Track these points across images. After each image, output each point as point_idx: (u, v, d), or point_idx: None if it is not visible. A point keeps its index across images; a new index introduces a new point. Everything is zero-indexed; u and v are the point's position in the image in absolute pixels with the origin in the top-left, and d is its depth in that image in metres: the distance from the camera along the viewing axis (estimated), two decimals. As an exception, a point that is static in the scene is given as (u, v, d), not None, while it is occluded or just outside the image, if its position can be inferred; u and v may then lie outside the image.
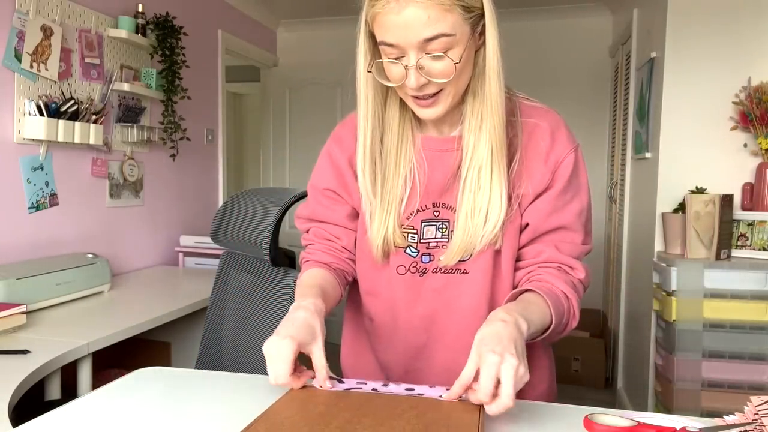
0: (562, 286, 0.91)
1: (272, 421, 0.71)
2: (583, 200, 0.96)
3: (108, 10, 2.56)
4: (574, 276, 0.94)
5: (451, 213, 0.95)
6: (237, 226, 1.59)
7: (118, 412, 0.82)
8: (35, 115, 2.12)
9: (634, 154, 2.99)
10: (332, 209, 1.03)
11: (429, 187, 0.95)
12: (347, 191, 1.02)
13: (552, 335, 0.90)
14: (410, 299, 0.98)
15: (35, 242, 2.22)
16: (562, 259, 0.94)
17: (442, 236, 0.96)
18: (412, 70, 0.81)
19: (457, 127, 0.94)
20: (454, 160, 0.93)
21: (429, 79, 0.82)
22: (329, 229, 1.04)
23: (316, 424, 0.70)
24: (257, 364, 1.47)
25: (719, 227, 2.15)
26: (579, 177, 0.96)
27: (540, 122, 0.94)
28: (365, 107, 0.92)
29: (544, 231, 0.94)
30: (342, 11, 4.08)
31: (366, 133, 0.93)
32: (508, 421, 0.80)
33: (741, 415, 0.73)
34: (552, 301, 0.88)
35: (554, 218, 0.94)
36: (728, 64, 2.37)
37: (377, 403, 0.77)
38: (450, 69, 0.82)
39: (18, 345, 1.49)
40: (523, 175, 0.93)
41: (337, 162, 1.02)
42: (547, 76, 3.91)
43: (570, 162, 0.93)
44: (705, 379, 2.10)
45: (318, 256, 1.04)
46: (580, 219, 0.95)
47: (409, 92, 0.86)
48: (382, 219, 0.94)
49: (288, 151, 4.30)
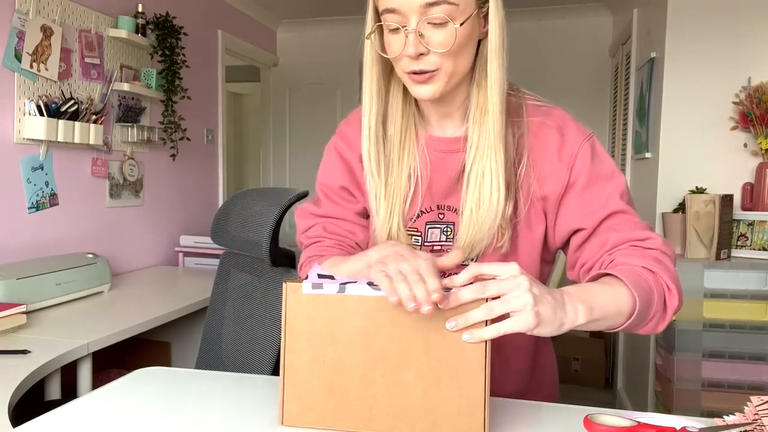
0: (640, 262, 0.81)
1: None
2: (619, 182, 0.89)
3: (108, 10, 2.56)
4: (650, 247, 0.84)
5: (456, 216, 0.92)
6: (237, 226, 1.59)
7: (118, 412, 0.82)
8: (35, 115, 2.12)
9: (634, 154, 2.99)
10: (345, 207, 1.00)
11: (433, 188, 0.93)
12: (360, 189, 0.98)
13: (641, 318, 0.79)
14: None
15: (35, 242, 2.22)
16: (628, 237, 0.85)
17: (447, 240, 0.93)
18: (411, 35, 0.79)
19: (462, 126, 0.92)
20: (458, 161, 0.91)
21: (428, 48, 0.80)
22: (342, 225, 1.00)
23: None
24: (257, 364, 1.47)
25: (719, 227, 2.15)
26: (603, 163, 0.90)
27: (545, 120, 0.91)
28: (370, 85, 0.89)
29: (594, 226, 0.88)
30: (342, 11, 4.08)
31: (371, 111, 0.90)
32: (507, 420, 0.80)
33: (741, 415, 0.73)
34: (629, 277, 0.78)
35: (598, 211, 0.87)
36: (728, 64, 2.37)
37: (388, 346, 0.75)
38: (450, 39, 0.79)
39: (18, 345, 1.49)
40: (533, 177, 0.89)
41: (347, 158, 0.99)
42: (547, 76, 3.91)
43: (586, 152, 0.89)
44: (705, 379, 2.10)
45: (331, 253, 0.97)
46: (624, 199, 0.88)
47: (406, 66, 0.83)
48: (387, 213, 0.91)
49: (288, 151, 4.30)
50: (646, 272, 0.81)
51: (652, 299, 0.80)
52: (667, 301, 0.82)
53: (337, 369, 0.74)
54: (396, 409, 0.71)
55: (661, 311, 0.82)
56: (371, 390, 0.73)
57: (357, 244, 1.00)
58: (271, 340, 1.47)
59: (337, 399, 0.73)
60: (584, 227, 0.88)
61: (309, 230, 1.02)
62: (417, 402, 0.71)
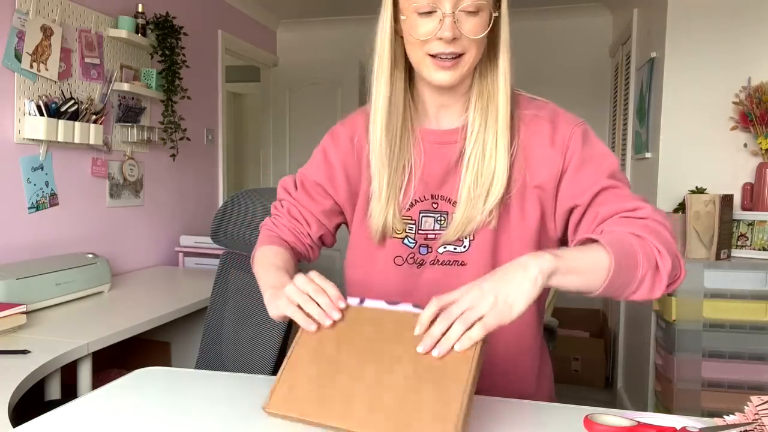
0: (626, 228, 0.83)
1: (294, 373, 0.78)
2: (609, 161, 0.91)
3: (108, 10, 2.56)
4: (640, 217, 0.85)
5: (449, 205, 0.95)
6: (237, 226, 1.59)
7: (118, 412, 0.82)
8: (35, 115, 2.12)
9: (634, 153, 2.99)
10: (313, 200, 1.06)
11: (426, 178, 0.96)
12: (334, 188, 1.04)
13: (626, 279, 0.79)
14: (406, 292, 0.98)
15: (35, 242, 2.22)
16: (617, 208, 0.87)
17: (440, 228, 0.96)
18: (448, 19, 0.83)
19: (459, 118, 0.95)
20: (454, 151, 0.94)
21: (462, 32, 0.84)
22: (303, 212, 1.07)
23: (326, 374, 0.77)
24: (257, 364, 1.47)
25: (719, 227, 2.15)
26: (594, 146, 0.93)
27: (537, 113, 0.94)
28: (385, 72, 0.91)
29: (587, 202, 0.90)
30: (342, 11, 4.08)
31: (384, 97, 0.92)
32: (507, 420, 0.80)
33: (741, 415, 0.73)
34: (606, 238, 0.80)
35: (590, 188, 0.89)
36: (728, 64, 2.37)
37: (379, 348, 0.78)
38: (481, 27, 0.85)
39: (18, 345, 1.48)
40: (523, 162, 0.92)
41: (331, 160, 1.04)
42: (547, 76, 3.91)
43: (578, 136, 0.92)
44: (705, 379, 2.10)
45: (282, 232, 1.06)
46: (614, 177, 0.90)
47: (435, 48, 0.86)
48: (388, 198, 0.95)
49: (288, 151, 4.30)
50: (632, 237, 0.82)
51: (637, 261, 0.80)
52: (659, 263, 0.81)
53: (331, 364, 0.77)
54: (373, 406, 0.72)
55: (652, 274, 0.81)
56: (355, 386, 0.74)
57: (308, 234, 1.07)
58: (271, 340, 1.47)
59: (321, 391, 0.75)
60: (578, 204, 0.91)
61: (279, 202, 1.10)
62: (394, 402, 0.71)
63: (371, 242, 0.99)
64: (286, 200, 1.09)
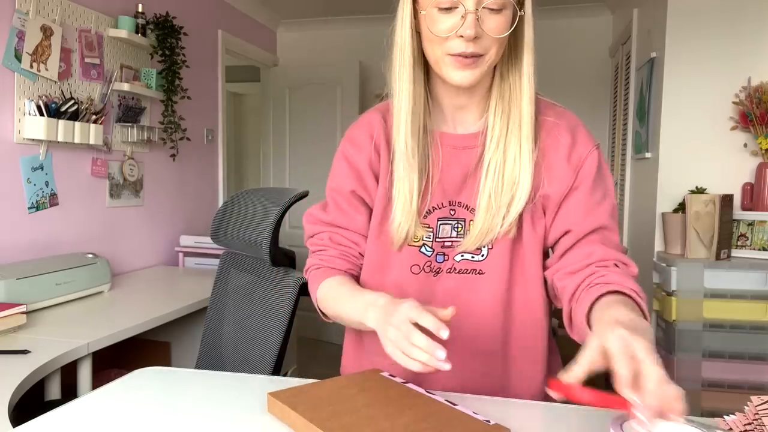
0: (632, 285, 0.84)
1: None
2: (612, 201, 0.93)
3: (108, 10, 2.56)
4: (630, 272, 0.88)
5: (467, 212, 0.93)
6: (237, 226, 1.59)
7: (118, 412, 0.82)
8: (35, 115, 2.12)
9: (634, 154, 2.99)
10: (352, 216, 1.00)
11: (444, 184, 0.93)
12: (367, 192, 0.98)
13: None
14: (422, 301, 0.95)
15: (35, 242, 2.22)
16: (614, 256, 0.88)
17: (458, 236, 0.93)
18: (470, 15, 0.80)
19: (477, 122, 0.93)
20: (473, 156, 0.92)
21: (484, 31, 0.81)
22: (348, 235, 1.00)
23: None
24: (257, 364, 1.47)
25: (719, 227, 2.15)
26: (605, 177, 0.93)
27: (558, 120, 0.92)
28: (409, 57, 0.88)
29: (585, 233, 0.90)
30: (342, 11, 4.08)
31: (408, 97, 0.89)
32: (514, 420, 0.80)
33: (741, 415, 0.73)
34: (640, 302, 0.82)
35: (592, 219, 0.90)
36: (728, 64, 2.37)
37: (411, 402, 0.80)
38: (504, 25, 0.82)
39: (18, 345, 1.49)
40: (543, 169, 0.91)
41: (355, 164, 0.98)
42: (547, 76, 3.87)
43: (594, 160, 0.91)
44: (705, 380, 2.10)
45: (334, 263, 1.00)
46: (613, 219, 0.92)
47: (455, 47, 0.83)
48: (410, 202, 0.91)
49: (288, 151, 4.30)
50: (638, 297, 0.84)
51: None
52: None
53: (346, 402, 0.79)
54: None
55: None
56: (352, 416, 0.74)
57: (360, 254, 1.01)
58: (270, 340, 1.47)
59: (323, 408, 0.76)
60: (573, 230, 0.91)
61: (315, 236, 1.03)
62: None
63: (388, 249, 0.96)
64: (323, 231, 1.02)
